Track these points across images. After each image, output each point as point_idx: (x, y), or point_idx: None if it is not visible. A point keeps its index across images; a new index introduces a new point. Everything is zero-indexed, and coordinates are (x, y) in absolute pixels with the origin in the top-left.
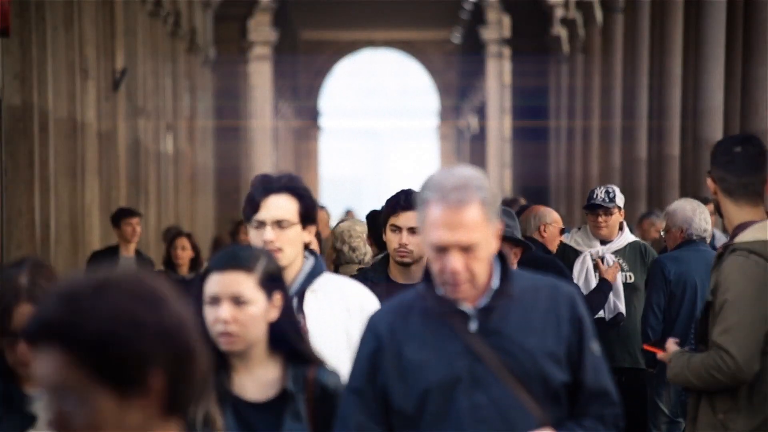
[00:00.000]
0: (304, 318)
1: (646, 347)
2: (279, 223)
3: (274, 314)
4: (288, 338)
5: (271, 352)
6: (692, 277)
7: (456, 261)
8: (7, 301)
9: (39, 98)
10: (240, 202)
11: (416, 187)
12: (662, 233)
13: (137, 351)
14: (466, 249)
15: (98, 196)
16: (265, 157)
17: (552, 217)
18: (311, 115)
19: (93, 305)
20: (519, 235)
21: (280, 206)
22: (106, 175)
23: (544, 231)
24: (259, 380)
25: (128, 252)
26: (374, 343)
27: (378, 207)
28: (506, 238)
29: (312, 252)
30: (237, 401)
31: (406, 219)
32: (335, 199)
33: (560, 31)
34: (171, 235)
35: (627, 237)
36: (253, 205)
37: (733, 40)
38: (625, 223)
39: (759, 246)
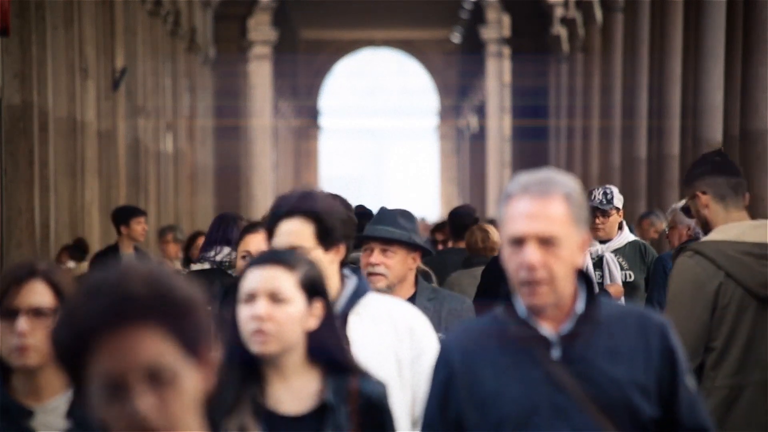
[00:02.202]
0: (348, 342)
1: None
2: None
3: (312, 323)
4: (328, 349)
5: (309, 363)
6: None
7: (533, 253)
8: (19, 275)
9: (39, 97)
10: (240, 202)
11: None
12: (666, 229)
13: (208, 321)
14: (546, 242)
15: (98, 196)
16: (264, 156)
17: None
18: (311, 114)
19: (172, 279)
20: (418, 240)
21: (292, 231)
22: (106, 175)
23: None
24: (296, 392)
25: (129, 249)
26: (446, 371)
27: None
28: (402, 243)
29: (354, 270)
30: (271, 415)
31: (249, 242)
32: None
33: (560, 31)
34: (192, 235)
35: (627, 236)
36: (269, 232)
37: (733, 40)
38: (624, 222)
39: (707, 246)
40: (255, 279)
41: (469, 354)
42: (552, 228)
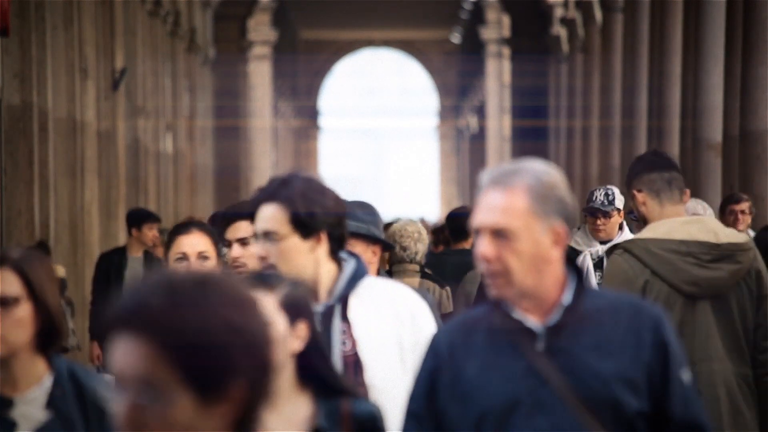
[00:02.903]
0: (349, 326)
1: None
2: (267, 235)
3: (296, 345)
4: (317, 371)
5: (299, 387)
6: None
7: (485, 246)
8: None
9: (38, 98)
10: (239, 201)
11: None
12: None
13: (229, 357)
14: (499, 235)
15: (98, 196)
16: (264, 156)
17: None
18: (311, 114)
19: (195, 301)
20: (377, 232)
21: (267, 217)
22: (106, 175)
23: None
24: (287, 418)
25: (137, 253)
26: (433, 362)
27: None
28: (361, 236)
29: (352, 254)
30: None
31: (235, 230)
32: None
33: (560, 31)
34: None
35: (627, 236)
36: (252, 218)
37: (733, 40)
38: (625, 222)
39: (635, 244)
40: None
41: (455, 346)
42: (505, 220)
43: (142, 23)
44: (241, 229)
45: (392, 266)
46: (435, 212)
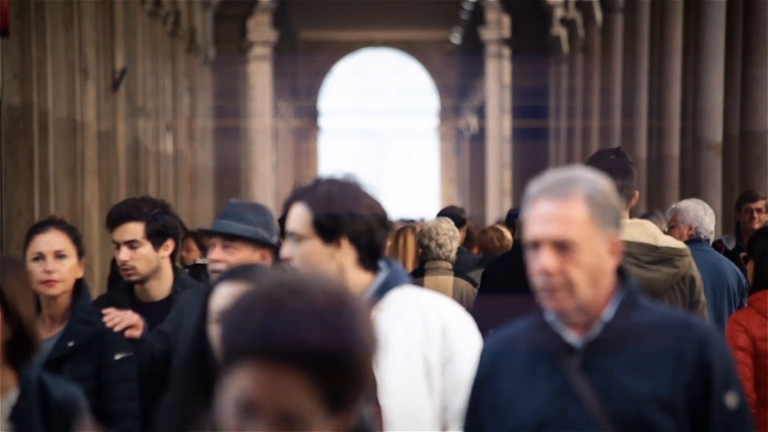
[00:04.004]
0: None
1: None
2: (291, 236)
3: None
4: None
5: None
6: None
7: (548, 259)
8: None
9: (39, 98)
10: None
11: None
12: (665, 228)
13: (367, 379)
14: (562, 247)
15: (98, 196)
16: (264, 157)
17: None
18: (311, 115)
19: (342, 327)
20: (266, 235)
21: (293, 217)
22: (106, 175)
23: None
24: None
25: None
26: (478, 374)
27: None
28: (247, 239)
29: (389, 263)
30: None
31: (122, 232)
32: None
33: (560, 31)
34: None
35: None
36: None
37: (733, 40)
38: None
39: None
40: (225, 297)
41: (496, 359)
42: (568, 231)
43: (142, 23)
44: (128, 231)
45: (425, 263)
46: (435, 213)
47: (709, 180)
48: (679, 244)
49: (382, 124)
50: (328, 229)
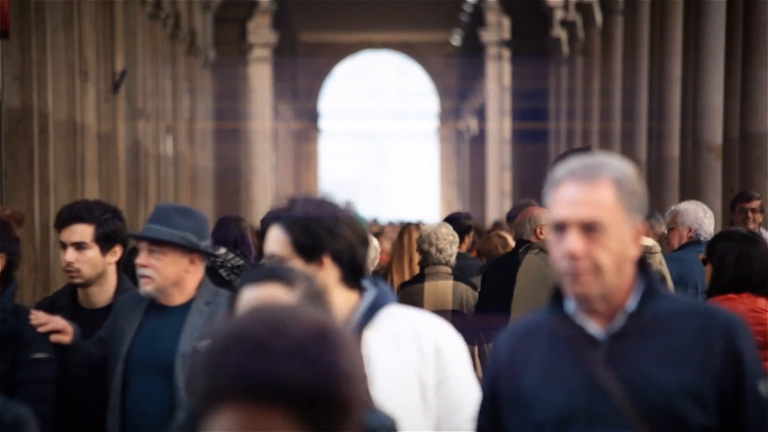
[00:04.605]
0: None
1: None
2: (271, 258)
3: None
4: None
5: None
6: (693, 277)
7: (575, 241)
8: None
9: (39, 100)
10: (240, 204)
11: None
12: (665, 230)
13: (355, 410)
14: (590, 229)
15: (98, 198)
16: (264, 159)
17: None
18: (311, 117)
19: (328, 365)
20: (194, 239)
21: (272, 239)
22: (106, 177)
23: (541, 233)
24: None
25: None
26: (494, 370)
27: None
28: (174, 245)
29: (375, 282)
30: None
31: (70, 233)
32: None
33: (560, 33)
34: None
35: None
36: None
37: (733, 42)
38: None
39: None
40: (252, 298)
41: (515, 352)
42: (597, 213)
43: (143, 25)
44: (77, 232)
45: (424, 269)
46: (435, 215)
47: (709, 182)
48: (649, 242)
49: (382, 126)
50: (308, 248)
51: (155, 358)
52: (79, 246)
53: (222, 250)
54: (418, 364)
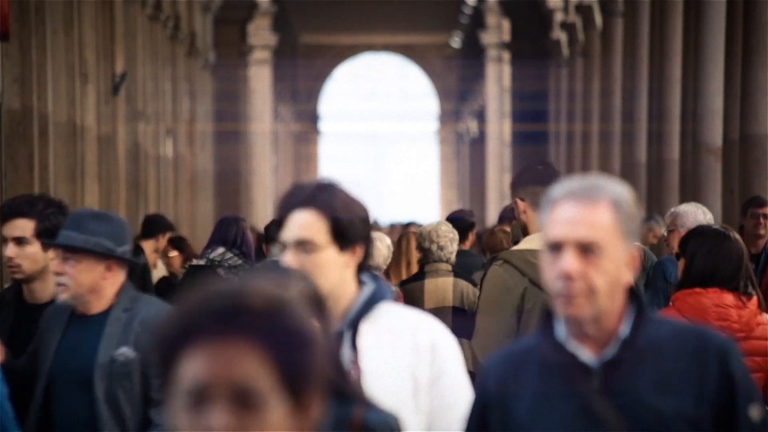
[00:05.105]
0: (356, 354)
1: None
2: (301, 245)
3: None
4: (328, 374)
5: None
6: None
7: (571, 261)
8: None
9: (38, 102)
10: (240, 206)
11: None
12: (665, 232)
13: (319, 362)
14: (586, 250)
15: (98, 200)
16: (264, 160)
17: None
18: (311, 118)
19: (296, 309)
20: (110, 245)
21: (304, 224)
22: (106, 179)
23: None
24: None
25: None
26: (483, 398)
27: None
28: (89, 251)
29: (374, 276)
30: None
31: (11, 228)
32: None
33: (560, 35)
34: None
35: None
36: (280, 223)
37: (733, 44)
38: None
39: (514, 255)
40: None
41: (504, 381)
42: (594, 234)
43: (143, 27)
44: (18, 227)
45: (424, 266)
46: (435, 216)
47: (708, 184)
48: None
49: (382, 127)
50: (346, 236)
51: (75, 370)
52: (20, 241)
53: (220, 250)
54: (412, 361)
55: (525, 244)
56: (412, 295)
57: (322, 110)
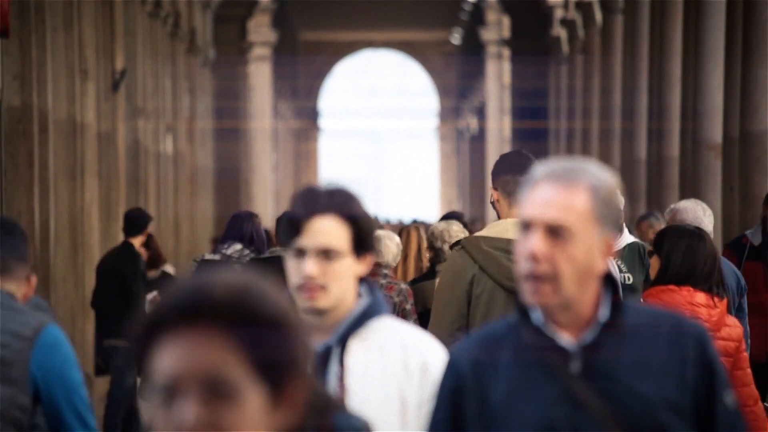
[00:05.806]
0: (342, 371)
1: None
2: (325, 253)
3: None
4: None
5: None
6: None
7: (537, 242)
8: None
9: (39, 99)
10: (239, 203)
11: None
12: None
13: (294, 351)
14: (555, 233)
15: (98, 197)
16: (264, 158)
17: None
18: (311, 115)
19: (263, 296)
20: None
21: (327, 231)
22: (106, 176)
23: None
24: None
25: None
26: (455, 383)
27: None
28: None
29: (371, 288)
30: None
31: None
32: None
33: (560, 32)
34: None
35: (626, 238)
36: (296, 228)
37: (733, 41)
38: (624, 224)
39: (470, 241)
40: None
41: (479, 365)
42: (565, 218)
43: (142, 24)
44: None
45: (435, 266)
46: (435, 214)
47: (708, 181)
48: None
49: (382, 124)
50: (365, 244)
51: None
52: None
53: (237, 246)
54: (401, 380)
55: (485, 231)
56: (422, 293)
57: (322, 107)
